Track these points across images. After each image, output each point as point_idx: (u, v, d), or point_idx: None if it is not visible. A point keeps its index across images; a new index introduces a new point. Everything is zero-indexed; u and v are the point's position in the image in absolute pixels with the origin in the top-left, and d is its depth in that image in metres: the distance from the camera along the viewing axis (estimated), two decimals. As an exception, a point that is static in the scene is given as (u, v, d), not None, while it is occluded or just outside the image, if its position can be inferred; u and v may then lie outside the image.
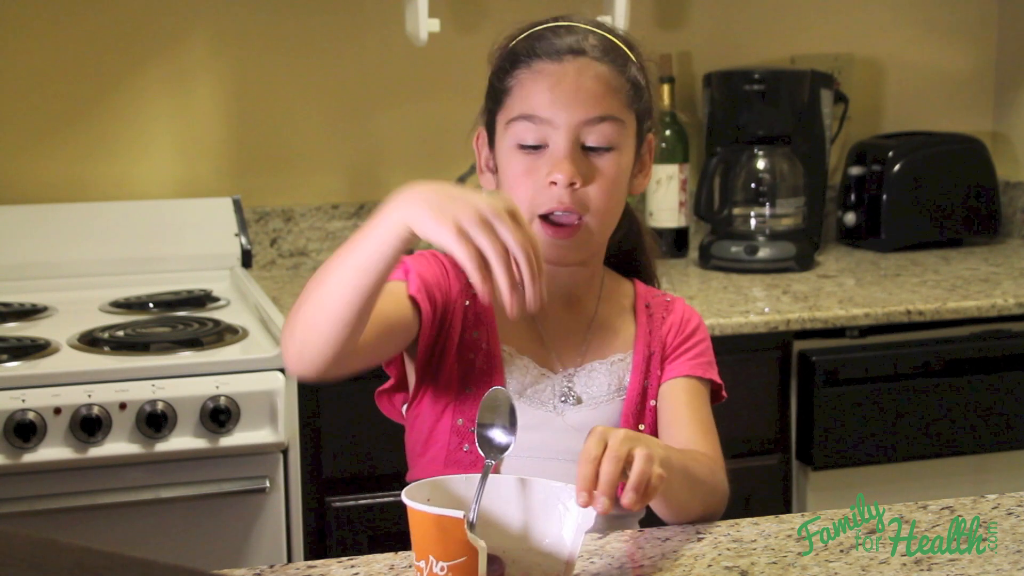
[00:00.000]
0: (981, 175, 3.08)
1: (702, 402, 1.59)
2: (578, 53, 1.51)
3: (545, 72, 1.51)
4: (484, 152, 1.60)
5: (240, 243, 2.66)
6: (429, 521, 1.18)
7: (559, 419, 1.52)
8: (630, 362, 1.57)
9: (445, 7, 2.80)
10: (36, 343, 2.16)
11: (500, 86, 1.55)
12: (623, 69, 1.53)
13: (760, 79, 2.89)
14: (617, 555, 1.34)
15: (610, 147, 1.51)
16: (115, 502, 2.03)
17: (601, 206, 1.51)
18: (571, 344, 1.57)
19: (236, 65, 2.80)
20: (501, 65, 1.56)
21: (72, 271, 2.58)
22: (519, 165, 1.51)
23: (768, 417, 2.44)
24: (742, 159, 2.87)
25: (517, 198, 1.50)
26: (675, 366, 1.59)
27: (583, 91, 1.50)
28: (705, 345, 1.63)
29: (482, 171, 1.60)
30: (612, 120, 1.51)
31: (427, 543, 1.19)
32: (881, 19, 3.20)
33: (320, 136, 2.87)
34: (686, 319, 1.63)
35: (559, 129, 1.49)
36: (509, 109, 1.53)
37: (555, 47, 1.51)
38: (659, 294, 1.67)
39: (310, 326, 1.33)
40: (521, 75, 1.52)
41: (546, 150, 1.50)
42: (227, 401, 2.03)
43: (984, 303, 2.50)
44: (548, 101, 1.49)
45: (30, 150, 2.71)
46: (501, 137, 1.54)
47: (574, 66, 1.50)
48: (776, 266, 2.80)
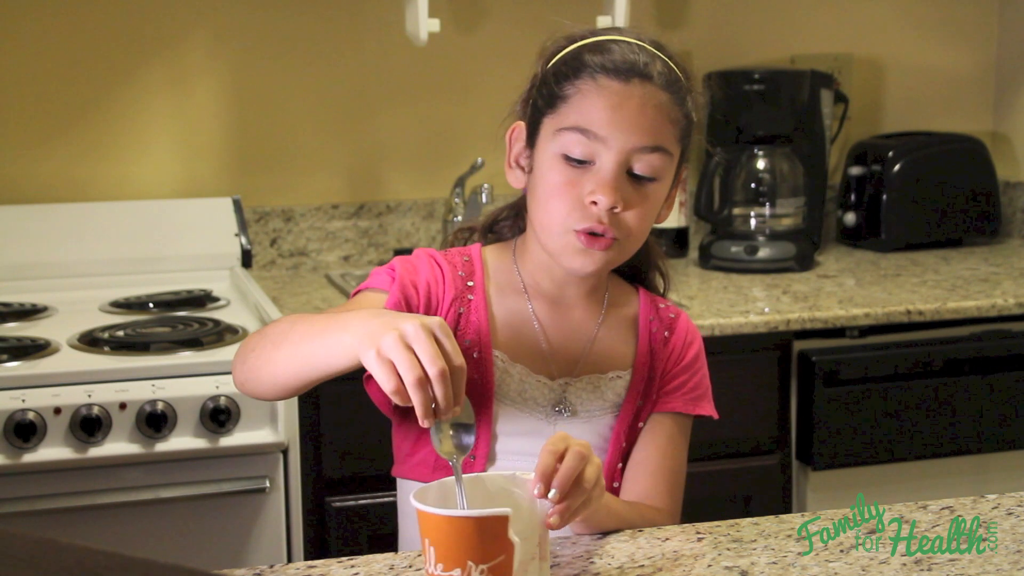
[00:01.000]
0: (981, 175, 3.08)
1: (678, 447, 1.59)
2: (646, 78, 1.48)
3: (611, 90, 1.47)
4: (518, 147, 1.56)
5: (240, 243, 2.66)
6: (471, 526, 1.16)
7: (550, 427, 1.52)
8: (628, 381, 1.57)
9: (445, 7, 2.80)
10: (36, 343, 2.16)
11: (558, 91, 1.50)
12: (682, 103, 1.51)
13: (760, 79, 2.89)
14: (617, 555, 1.34)
15: (654, 177, 1.50)
16: (115, 502, 2.03)
17: (634, 232, 1.50)
18: (571, 354, 1.56)
19: (236, 65, 2.80)
20: (562, 69, 1.51)
21: (72, 271, 2.58)
22: (561, 175, 1.49)
23: (768, 417, 2.44)
24: (742, 159, 2.87)
25: (553, 208, 1.49)
26: (668, 399, 1.58)
27: (644, 118, 1.47)
28: (701, 375, 1.63)
29: (511, 166, 1.57)
30: (663, 152, 1.49)
31: (465, 548, 1.16)
32: (881, 19, 3.20)
33: (320, 136, 2.86)
34: (688, 342, 1.62)
35: (612, 150, 1.47)
36: (564, 116, 1.49)
37: (624, 65, 1.48)
38: (664, 307, 1.64)
39: (259, 371, 1.44)
40: (584, 86, 1.48)
41: (592, 166, 1.48)
42: (227, 401, 2.03)
43: (984, 303, 2.50)
44: (607, 120, 1.47)
45: (30, 150, 2.71)
46: (547, 141, 1.51)
47: (640, 91, 1.48)
48: (776, 266, 2.80)
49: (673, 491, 1.56)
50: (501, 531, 1.16)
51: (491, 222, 1.66)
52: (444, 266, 1.55)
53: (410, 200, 2.90)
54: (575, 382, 1.54)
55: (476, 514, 1.17)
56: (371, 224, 2.88)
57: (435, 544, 1.17)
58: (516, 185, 1.57)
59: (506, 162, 1.58)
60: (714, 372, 2.38)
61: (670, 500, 1.56)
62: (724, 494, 2.42)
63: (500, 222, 1.66)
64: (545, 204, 1.50)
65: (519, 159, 1.56)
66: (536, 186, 1.52)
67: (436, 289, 1.53)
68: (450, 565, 1.17)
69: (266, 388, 1.45)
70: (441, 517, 1.17)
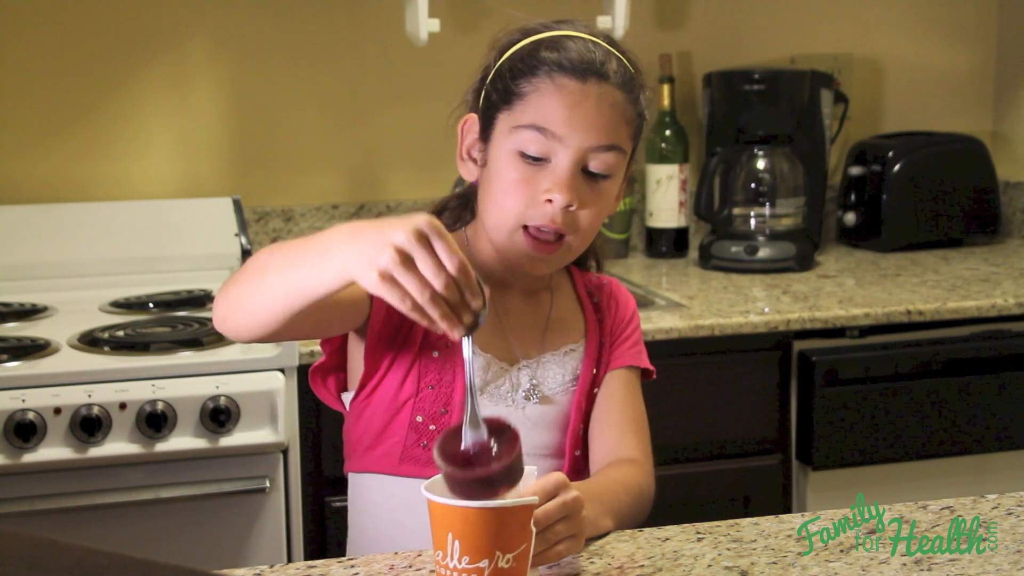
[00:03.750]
0: (981, 175, 3.08)
1: (636, 396, 1.62)
2: (602, 77, 1.50)
3: (568, 89, 1.49)
4: (470, 139, 1.57)
5: (240, 243, 2.66)
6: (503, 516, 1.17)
7: (519, 413, 1.54)
8: (582, 352, 1.60)
9: (445, 7, 2.80)
10: (36, 343, 2.16)
11: (514, 87, 1.51)
12: (636, 102, 1.54)
13: (760, 79, 2.89)
14: (617, 555, 1.34)
15: (608, 175, 1.52)
16: (115, 502, 2.03)
17: (587, 228, 1.53)
18: (532, 337, 1.59)
19: (236, 65, 2.80)
20: (518, 65, 1.52)
21: (72, 271, 2.58)
22: (517, 173, 1.50)
23: (768, 417, 2.44)
24: (742, 159, 2.87)
25: (506, 204, 1.50)
26: (618, 355, 1.62)
27: (601, 117, 1.49)
28: (640, 331, 1.67)
29: (463, 158, 1.58)
30: (618, 151, 1.51)
31: (494, 538, 1.17)
32: (881, 19, 3.20)
33: (320, 136, 2.87)
34: (624, 303, 1.66)
35: (568, 149, 1.48)
36: (520, 114, 1.50)
37: (581, 64, 1.49)
38: (593, 277, 1.69)
39: (243, 307, 1.38)
40: (541, 84, 1.49)
41: (547, 164, 1.49)
42: (227, 401, 2.03)
43: (984, 303, 2.50)
44: (565, 119, 1.48)
45: (30, 150, 2.71)
46: (502, 137, 1.52)
47: (596, 90, 1.49)
48: (776, 266, 2.80)
49: (640, 437, 1.59)
50: (527, 519, 1.18)
51: (437, 212, 1.66)
52: None
53: (410, 200, 2.90)
54: (537, 364, 1.57)
55: (508, 504, 1.18)
56: (371, 224, 2.87)
57: (461, 537, 1.17)
58: (468, 178, 1.59)
59: (458, 154, 1.59)
60: (714, 372, 2.40)
61: (640, 447, 1.58)
62: (724, 494, 2.42)
63: (446, 212, 1.66)
64: (499, 200, 1.51)
65: (471, 151, 1.57)
66: (490, 181, 1.53)
67: None
68: (477, 556, 1.17)
69: (248, 322, 1.38)
70: (471, 509, 1.17)
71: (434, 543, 1.20)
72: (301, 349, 2.13)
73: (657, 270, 2.88)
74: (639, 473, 1.54)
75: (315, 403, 2.21)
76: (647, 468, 1.57)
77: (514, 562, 1.17)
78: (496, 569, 1.17)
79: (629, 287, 2.65)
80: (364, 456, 1.56)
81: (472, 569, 1.17)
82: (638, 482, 1.53)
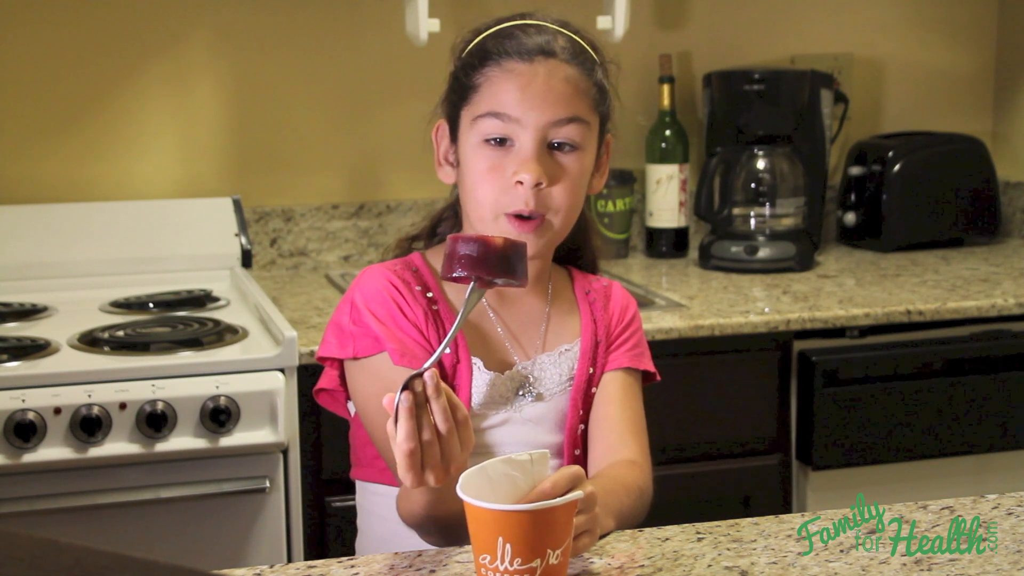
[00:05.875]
0: (981, 175, 3.08)
1: (634, 398, 1.62)
2: (549, 54, 1.53)
3: (516, 71, 1.52)
4: (444, 144, 1.62)
5: (240, 243, 2.66)
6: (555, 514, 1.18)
7: (517, 414, 1.55)
8: (577, 351, 1.60)
9: (445, 7, 2.80)
10: (36, 343, 2.15)
11: (468, 82, 1.56)
12: (590, 72, 1.56)
13: (760, 79, 2.89)
14: (617, 555, 1.34)
15: (575, 147, 1.54)
16: (115, 502, 2.03)
17: (564, 204, 1.54)
18: (529, 338, 1.60)
19: (236, 65, 2.80)
20: (469, 61, 1.57)
21: (72, 271, 2.58)
22: (484, 161, 1.53)
23: (768, 417, 2.44)
24: (742, 159, 2.87)
25: (480, 194, 1.53)
26: (615, 357, 1.62)
27: (553, 92, 1.52)
28: (641, 333, 1.67)
29: (440, 164, 1.62)
30: (579, 122, 1.53)
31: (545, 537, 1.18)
32: (881, 19, 3.20)
33: (320, 136, 2.86)
34: (625, 306, 1.67)
35: (527, 129, 1.51)
36: (477, 105, 1.54)
37: (526, 46, 1.53)
38: (594, 279, 1.69)
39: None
40: (491, 72, 1.53)
41: (512, 147, 1.52)
42: (227, 401, 2.03)
43: (984, 303, 2.50)
44: (517, 100, 1.51)
45: (30, 150, 2.71)
46: (466, 132, 1.56)
47: (545, 67, 1.52)
48: (776, 266, 2.80)
49: (639, 438, 1.59)
50: (572, 514, 1.20)
51: (433, 226, 1.70)
52: (401, 287, 1.56)
53: (410, 200, 2.90)
54: (534, 364, 1.57)
55: (559, 502, 1.19)
56: (371, 224, 2.88)
57: (513, 540, 1.17)
58: (448, 180, 1.62)
59: (435, 161, 1.63)
60: (714, 372, 2.40)
61: (639, 448, 1.58)
62: (724, 494, 2.42)
63: (442, 223, 1.69)
64: (474, 192, 1.54)
65: (447, 156, 1.61)
66: (464, 177, 1.57)
67: (412, 315, 1.54)
68: (530, 557, 1.18)
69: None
70: (525, 513, 1.18)
71: (477, 547, 1.20)
72: (301, 349, 2.13)
73: (657, 270, 2.88)
74: (639, 474, 1.55)
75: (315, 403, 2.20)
76: (646, 469, 1.57)
77: (561, 556, 1.19)
78: (547, 567, 1.18)
79: (629, 287, 2.66)
80: (371, 465, 1.57)
81: (524, 570, 1.18)
82: (638, 483, 1.53)
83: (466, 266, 1.35)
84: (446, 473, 1.26)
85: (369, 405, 1.52)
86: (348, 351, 1.54)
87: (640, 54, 3.00)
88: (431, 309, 1.55)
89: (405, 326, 1.53)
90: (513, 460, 1.27)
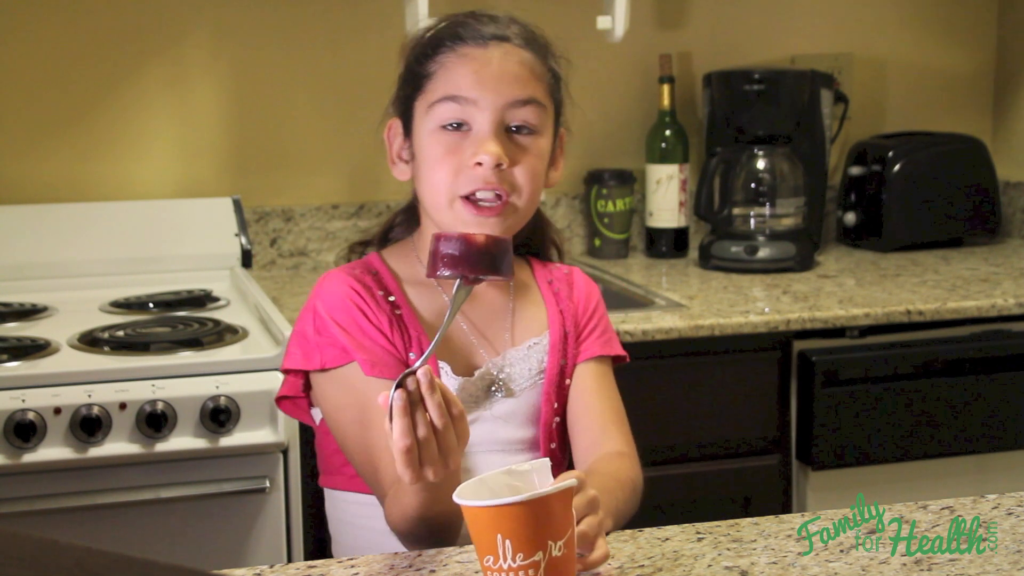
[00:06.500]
0: (981, 175, 3.08)
1: (610, 386, 1.61)
2: (503, 39, 1.53)
3: (470, 56, 1.52)
4: (397, 142, 1.60)
5: (240, 243, 2.66)
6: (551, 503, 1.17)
7: (487, 412, 1.54)
8: (546, 344, 1.59)
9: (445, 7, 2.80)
10: (36, 343, 2.15)
11: (421, 70, 1.54)
12: (544, 58, 1.56)
13: (760, 79, 2.89)
14: (617, 555, 1.34)
15: (532, 131, 1.52)
16: (115, 502, 2.03)
17: (528, 186, 1.52)
18: (496, 334, 1.58)
19: (236, 65, 2.80)
20: (422, 51, 1.55)
21: (72, 271, 2.58)
22: (441, 146, 1.51)
23: (768, 417, 2.43)
24: (742, 159, 2.87)
25: (437, 179, 1.51)
26: (587, 347, 1.61)
27: (508, 74, 1.51)
28: (607, 318, 1.66)
29: (394, 162, 1.61)
30: (535, 104, 1.52)
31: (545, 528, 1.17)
32: (881, 19, 3.20)
33: (320, 136, 2.86)
34: (589, 292, 1.65)
35: (484, 111, 1.50)
36: (432, 91, 1.53)
37: (480, 32, 1.53)
38: (555, 267, 1.68)
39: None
40: (445, 59, 1.52)
41: (469, 132, 1.51)
42: (227, 401, 2.03)
43: (984, 303, 2.50)
44: (473, 82, 1.50)
45: (30, 150, 2.71)
46: (421, 121, 1.54)
47: (499, 51, 1.52)
48: (776, 266, 2.80)
49: (622, 427, 1.59)
50: (569, 504, 1.19)
51: (386, 230, 1.68)
52: (363, 292, 1.54)
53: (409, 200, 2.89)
54: (503, 360, 1.56)
55: (551, 490, 1.18)
56: (371, 224, 2.87)
57: (511, 535, 1.17)
58: (403, 177, 1.61)
59: (388, 160, 1.61)
60: (714, 372, 2.40)
61: (623, 437, 1.57)
62: (724, 494, 2.42)
63: (395, 227, 1.67)
64: (430, 177, 1.52)
65: (400, 153, 1.60)
66: (420, 167, 1.55)
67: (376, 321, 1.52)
68: (531, 550, 1.17)
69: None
70: (518, 505, 1.16)
71: (480, 551, 1.19)
72: (301, 349, 2.12)
73: (657, 270, 2.88)
74: (629, 466, 1.54)
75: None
76: (634, 458, 1.56)
77: (565, 549, 1.18)
78: (551, 559, 1.17)
79: (629, 287, 2.66)
80: (339, 473, 1.56)
81: (529, 564, 1.17)
82: (629, 476, 1.52)
83: (449, 264, 1.35)
84: (445, 467, 1.26)
85: (341, 416, 1.50)
86: (315, 362, 1.51)
87: (640, 54, 3.00)
88: (394, 314, 1.53)
89: (372, 333, 1.51)
90: (514, 471, 1.26)
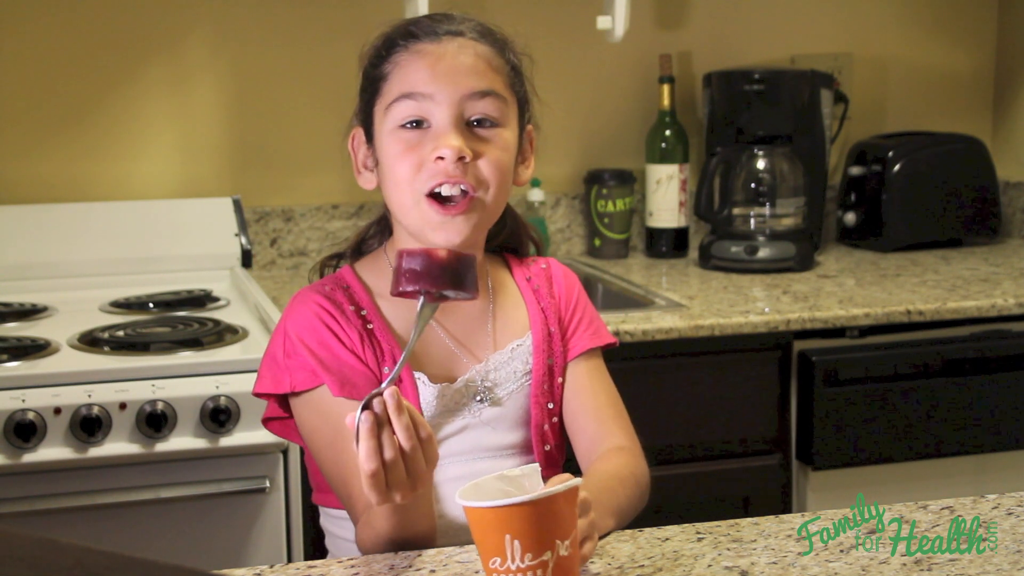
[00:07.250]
0: (981, 175, 3.08)
1: (603, 378, 1.59)
2: (456, 34, 1.50)
3: (424, 51, 1.49)
4: (361, 151, 1.57)
5: (240, 243, 2.66)
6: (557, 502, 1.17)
7: (475, 419, 1.52)
8: (530, 345, 1.56)
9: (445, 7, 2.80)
10: (36, 343, 2.16)
11: (376, 73, 1.52)
12: (502, 51, 1.53)
13: (760, 79, 2.89)
14: (617, 555, 1.34)
15: (494, 123, 1.49)
16: (115, 502, 2.03)
17: (493, 179, 1.48)
18: (478, 340, 1.56)
19: (236, 65, 2.80)
20: (376, 53, 1.53)
21: (72, 271, 2.58)
22: (401, 143, 1.48)
23: (768, 417, 2.44)
24: (742, 159, 2.87)
25: (400, 178, 1.48)
26: (576, 342, 1.59)
27: (464, 66, 1.48)
28: (591, 308, 1.64)
29: (359, 171, 1.57)
30: (494, 96, 1.49)
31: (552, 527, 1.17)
32: (881, 19, 3.21)
33: (320, 136, 2.86)
34: (569, 285, 1.63)
35: (441, 105, 1.47)
36: (388, 93, 1.50)
37: (434, 29, 1.51)
38: (532, 262, 1.65)
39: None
40: (399, 57, 1.50)
41: (429, 128, 1.48)
42: (227, 401, 2.03)
43: (984, 303, 2.50)
44: (429, 77, 1.47)
45: (30, 150, 2.71)
46: (380, 124, 1.51)
47: (453, 44, 1.49)
48: (776, 266, 2.80)
49: (621, 421, 1.57)
50: (575, 503, 1.19)
51: (358, 242, 1.65)
52: (333, 310, 1.51)
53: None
54: (487, 366, 1.54)
55: (559, 489, 1.17)
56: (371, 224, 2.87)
57: (521, 535, 1.16)
58: (369, 186, 1.57)
59: (354, 170, 1.58)
60: (714, 372, 2.40)
61: (623, 431, 1.56)
62: (724, 494, 2.42)
63: (367, 240, 1.65)
64: (393, 177, 1.49)
65: (365, 162, 1.56)
66: (383, 170, 1.52)
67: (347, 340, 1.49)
68: (540, 550, 1.17)
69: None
70: (528, 505, 1.16)
71: (486, 553, 1.18)
72: (301, 349, 2.12)
73: (657, 270, 2.88)
74: (631, 461, 1.52)
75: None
76: (637, 452, 1.55)
77: (571, 548, 1.18)
78: (559, 558, 1.17)
79: (629, 287, 2.66)
80: (329, 491, 1.53)
81: (537, 564, 1.17)
82: (632, 472, 1.51)
83: (411, 280, 1.32)
84: (412, 490, 1.24)
85: (315, 439, 1.48)
86: (284, 385, 1.49)
87: (640, 54, 3.00)
88: (366, 329, 1.50)
89: (342, 353, 1.48)
90: (506, 476, 1.26)
